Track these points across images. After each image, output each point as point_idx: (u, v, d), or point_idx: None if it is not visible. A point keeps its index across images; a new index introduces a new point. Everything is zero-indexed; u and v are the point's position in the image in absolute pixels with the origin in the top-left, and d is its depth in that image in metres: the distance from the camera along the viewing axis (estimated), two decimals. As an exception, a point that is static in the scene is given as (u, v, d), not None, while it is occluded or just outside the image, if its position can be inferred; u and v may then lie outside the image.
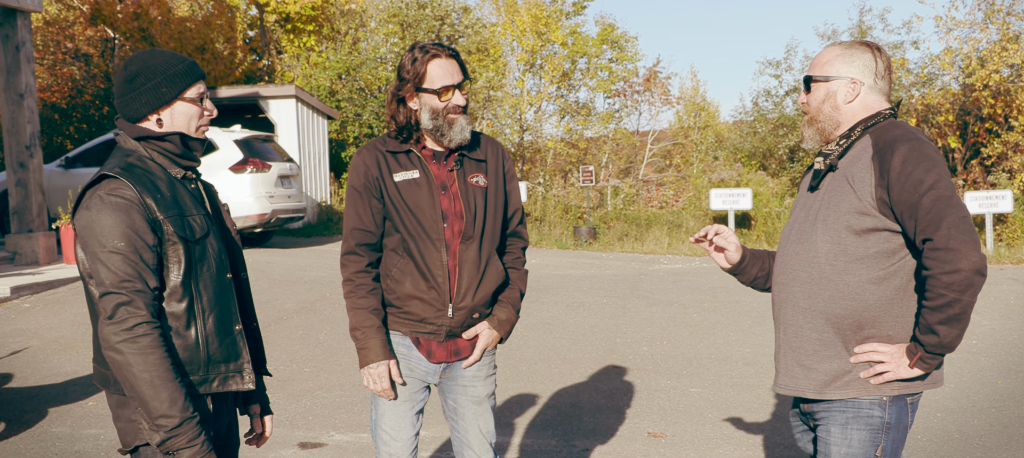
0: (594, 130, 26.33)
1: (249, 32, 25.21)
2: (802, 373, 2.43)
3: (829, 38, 21.30)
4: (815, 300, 2.40)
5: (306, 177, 17.50)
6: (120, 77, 2.33)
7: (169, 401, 2.13)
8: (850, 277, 2.35)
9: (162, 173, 2.31)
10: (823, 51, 2.56)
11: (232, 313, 2.38)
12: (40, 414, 5.44)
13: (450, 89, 2.75)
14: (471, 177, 2.84)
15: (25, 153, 10.67)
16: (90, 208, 2.19)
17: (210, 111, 2.40)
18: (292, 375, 6.39)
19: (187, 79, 2.34)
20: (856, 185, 2.34)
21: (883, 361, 2.34)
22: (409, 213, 2.75)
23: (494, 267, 2.85)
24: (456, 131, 2.76)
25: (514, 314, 2.94)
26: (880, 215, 2.31)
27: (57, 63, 22.02)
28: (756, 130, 21.18)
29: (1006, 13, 17.33)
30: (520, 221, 3.02)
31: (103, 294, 2.15)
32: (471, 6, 23.72)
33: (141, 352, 2.12)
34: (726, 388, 6.07)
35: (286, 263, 11.44)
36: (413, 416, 2.87)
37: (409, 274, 2.77)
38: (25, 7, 10.59)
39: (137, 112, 2.32)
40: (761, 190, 17.74)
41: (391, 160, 2.80)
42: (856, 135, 2.42)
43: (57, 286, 9.22)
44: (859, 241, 2.33)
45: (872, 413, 2.37)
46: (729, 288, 10.32)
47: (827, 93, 2.48)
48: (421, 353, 2.84)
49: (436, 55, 2.76)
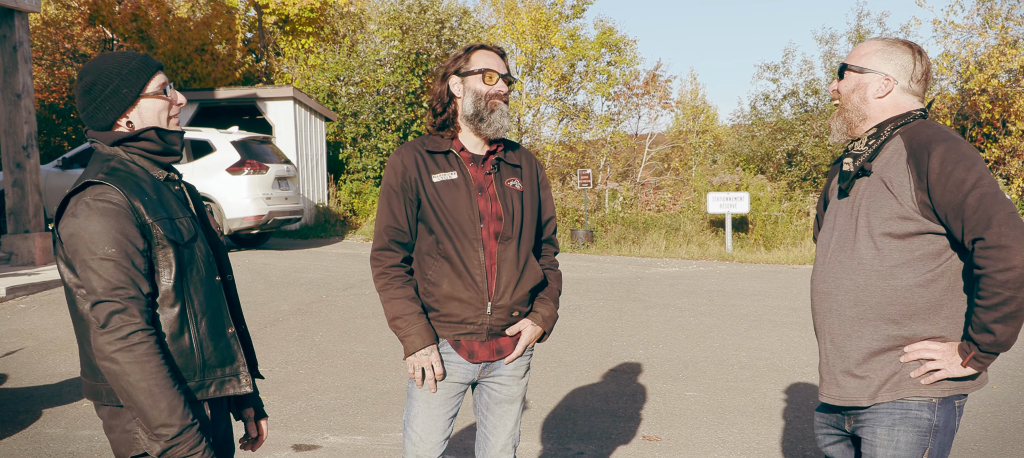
0: (592, 133, 26.35)
1: (248, 34, 25.21)
2: (853, 383, 2.38)
3: (827, 42, 21.35)
4: (862, 308, 2.35)
5: (303, 179, 17.49)
6: (78, 91, 2.26)
7: (168, 409, 2.08)
8: (896, 282, 2.30)
9: (146, 176, 2.25)
10: (865, 42, 2.50)
11: (224, 316, 2.33)
12: (34, 415, 5.43)
13: (495, 74, 2.81)
14: (508, 181, 2.87)
15: (22, 153, 10.66)
16: (77, 215, 2.11)
17: (177, 101, 2.33)
18: (287, 377, 6.38)
19: (144, 74, 2.27)
20: (894, 189, 2.29)
21: (934, 359, 2.30)
22: (446, 213, 2.76)
23: (532, 267, 2.88)
24: (496, 117, 2.80)
25: (555, 311, 2.98)
26: (923, 218, 2.26)
27: (55, 64, 22.01)
28: (754, 134, 21.18)
29: (1004, 18, 17.35)
30: (554, 230, 3.07)
31: (95, 303, 2.07)
32: (470, 9, 23.76)
33: (137, 361, 2.06)
34: (722, 392, 6.06)
35: (283, 265, 11.42)
36: (446, 420, 2.88)
37: (446, 275, 2.78)
38: (23, 7, 10.59)
39: (104, 120, 2.25)
40: (760, 195, 17.74)
41: (429, 161, 2.82)
42: (886, 135, 2.37)
43: (53, 287, 9.20)
44: (903, 245, 2.29)
45: (920, 415, 2.32)
46: (726, 292, 10.32)
47: (858, 84, 2.44)
48: (462, 356, 2.84)
49: (485, 48, 2.86)
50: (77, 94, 2.27)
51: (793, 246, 15.89)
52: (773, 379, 6.40)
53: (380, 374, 6.44)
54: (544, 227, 3.03)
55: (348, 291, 9.62)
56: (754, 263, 14.14)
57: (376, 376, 6.41)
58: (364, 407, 5.67)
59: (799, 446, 4.94)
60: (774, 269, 13.11)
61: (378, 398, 5.86)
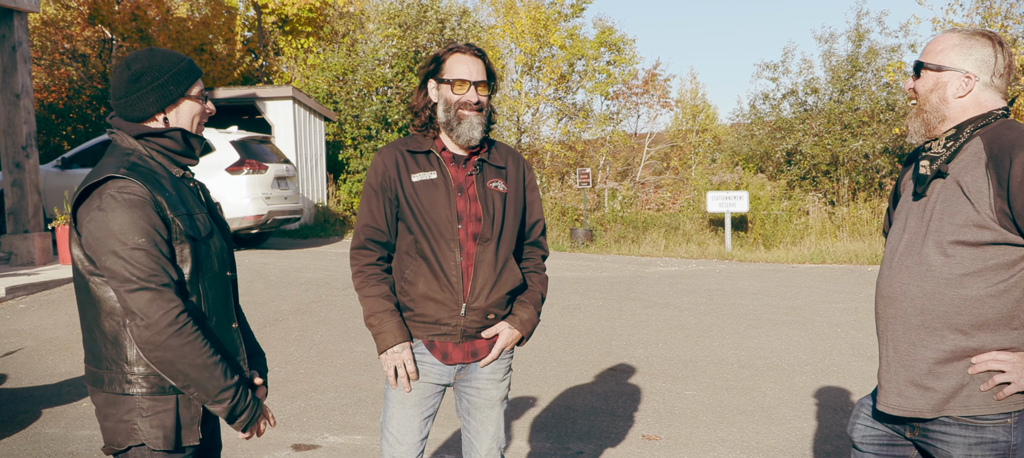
0: (591, 132, 26.36)
1: (247, 33, 25.20)
2: (918, 393, 2.28)
3: (826, 41, 21.33)
4: (929, 317, 2.25)
5: (303, 178, 17.48)
6: (123, 77, 2.30)
7: (222, 374, 2.22)
8: (967, 291, 2.20)
9: (164, 172, 2.30)
10: (941, 36, 2.34)
11: (230, 310, 2.41)
12: (34, 415, 5.43)
13: (465, 84, 2.76)
14: (490, 182, 2.85)
15: (21, 153, 10.66)
16: (103, 209, 2.14)
17: (210, 110, 2.42)
18: (287, 377, 6.38)
19: (191, 77, 2.35)
20: (971, 195, 2.18)
21: (1004, 371, 2.19)
22: (424, 213, 2.75)
23: (510, 270, 2.84)
24: (465, 128, 2.77)
25: (535, 315, 2.94)
26: (1000, 228, 2.15)
27: (54, 63, 21.99)
28: (753, 133, 21.18)
29: (1004, 16, 17.35)
30: (541, 233, 3.03)
31: (132, 290, 2.11)
32: (470, 9, 23.75)
33: (188, 341, 2.15)
34: (721, 391, 6.06)
35: (282, 264, 11.42)
36: (421, 421, 2.86)
37: (422, 275, 2.77)
38: (22, 7, 10.58)
39: (144, 111, 2.30)
40: (760, 194, 17.74)
41: (410, 160, 2.81)
42: (966, 136, 2.25)
43: (52, 287, 9.20)
44: (976, 253, 2.19)
45: (997, 437, 2.22)
46: (725, 291, 10.32)
47: (936, 83, 2.31)
48: (436, 357, 2.83)
49: (461, 51, 2.80)
50: (120, 81, 2.30)
51: (792, 245, 15.89)
52: (772, 378, 6.40)
53: (379, 374, 6.44)
54: (530, 230, 2.99)
55: (347, 291, 9.62)
56: (753, 262, 14.14)
57: (375, 376, 6.41)
58: (363, 407, 5.67)
59: (798, 445, 4.95)
60: (773, 268, 13.11)
61: (377, 398, 5.86)
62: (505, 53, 25.15)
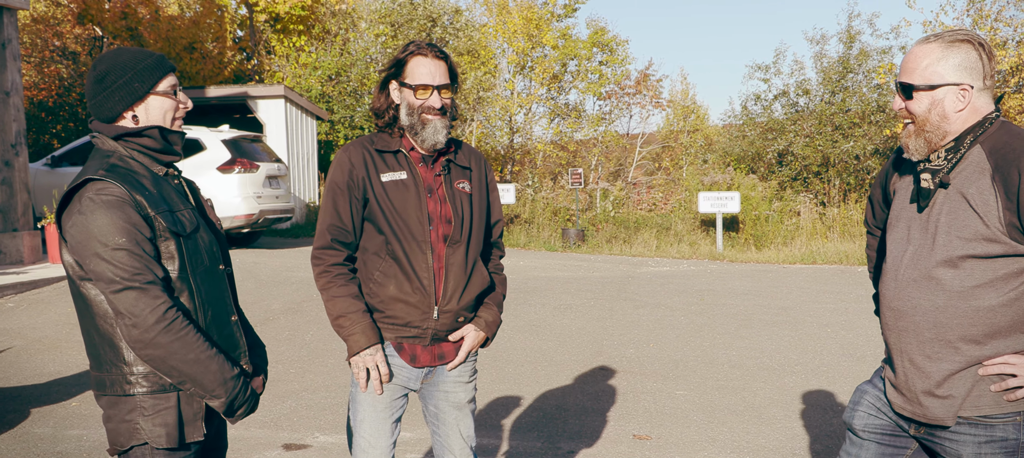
0: (584, 133, 26.38)
1: (238, 32, 25.13)
2: (937, 404, 2.29)
3: (817, 43, 21.41)
4: (943, 330, 2.25)
5: (294, 178, 17.45)
6: (90, 78, 2.31)
7: (218, 368, 2.23)
8: (979, 302, 2.21)
9: (145, 171, 2.30)
10: (919, 50, 2.28)
11: (227, 304, 2.41)
12: (22, 414, 5.40)
13: (428, 89, 2.71)
14: (457, 183, 2.82)
15: (10, 151, 10.60)
16: (83, 212, 2.15)
17: (185, 104, 2.39)
18: (278, 376, 6.36)
19: (157, 72, 2.33)
20: (978, 208, 2.18)
21: (1016, 374, 2.21)
22: (395, 214, 2.71)
23: (479, 272, 2.83)
24: (428, 132, 2.72)
25: (499, 316, 2.93)
26: (1010, 241, 2.15)
27: (44, 61, 21.88)
28: (745, 134, 21.23)
29: (994, 19, 17.44)
30: (501, 233, 3.02)
31: (117, 290, 2.12)
32: (462, 8, 23.75)
33: (178, 336, 2.15)
34: (712, 391, 6.08)
35: (273, 264, 11.40)
36: (392, 424, 2.82)
37: (393, 277, 2.73)
38: (11, 4, 10.53)
39: (111, 110, 2.30)
40: (751, 194, 17.79)
41: (379, 160, 2.76)
42: (966, 146, 2.24)
43: (41, 286, 9.16)
44: (985, 265, 2.19)
45: (1007, 435, 2.24)
46: (716, 291, 10.35)
47: (932, 102, 2.26)
48: (404, 359, 2.79)
49: (423, 53, 2.73)
50: (88, 83, 2.32)
51: (783, 246, 15.94)
52: (763, 378, 6.42)
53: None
54: (492, 229, 2.97)
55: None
56: (745, 262, 14.18)
57: (366, 375, 6.40)
58: (354, 406, 5.66)
59: (788, 445, 4.96)
60: (764, 268, 13.15)
61: (368, 397, 5.85)
62: (497, 52, 25.14)
